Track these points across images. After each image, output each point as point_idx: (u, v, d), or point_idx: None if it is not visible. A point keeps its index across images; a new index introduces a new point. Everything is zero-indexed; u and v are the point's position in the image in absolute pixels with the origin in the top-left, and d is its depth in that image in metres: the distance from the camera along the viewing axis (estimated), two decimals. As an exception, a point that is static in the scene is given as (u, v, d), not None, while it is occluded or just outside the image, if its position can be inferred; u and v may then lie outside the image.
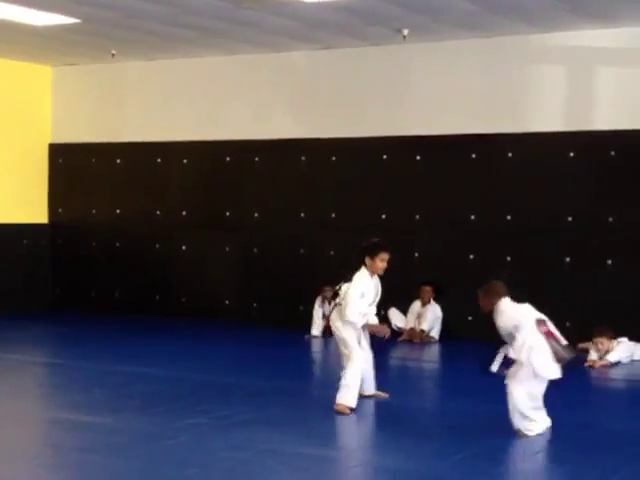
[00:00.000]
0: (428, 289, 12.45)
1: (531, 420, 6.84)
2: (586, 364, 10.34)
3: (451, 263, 12.44)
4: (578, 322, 11.24)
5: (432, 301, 12.46)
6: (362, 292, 7.92)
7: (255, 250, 13.90)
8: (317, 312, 12.74)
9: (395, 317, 12.63)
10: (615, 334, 10.71)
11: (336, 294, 8.21)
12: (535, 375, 6.80)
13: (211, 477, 5.78)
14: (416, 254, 12.76)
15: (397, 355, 11.75)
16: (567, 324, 11.61)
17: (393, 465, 6.09)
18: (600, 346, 10.47)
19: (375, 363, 8.30)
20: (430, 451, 6.50)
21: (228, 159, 14.09)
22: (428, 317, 12.36)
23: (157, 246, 14.63)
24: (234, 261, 14.05)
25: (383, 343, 8.65)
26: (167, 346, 11.67)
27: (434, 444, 6.73)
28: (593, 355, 10.50)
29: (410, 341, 12.28)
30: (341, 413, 7.63)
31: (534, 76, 12.11)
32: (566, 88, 11.99)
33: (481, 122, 12.31)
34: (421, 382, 10.10)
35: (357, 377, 7.81)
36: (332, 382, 9.75)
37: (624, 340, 10.82)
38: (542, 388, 6.90)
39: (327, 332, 12.73)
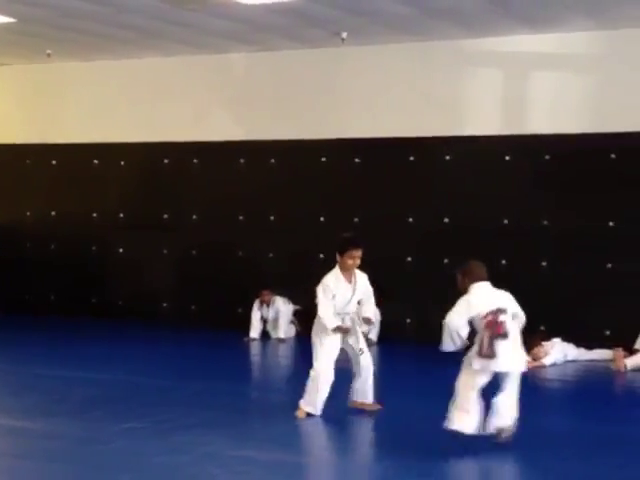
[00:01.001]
0: (367, 291, 12.46)
1: (468, 412, 6.51)
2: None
3: (389, 265, 12.49)
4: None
5: (370, 303, 12.47)
6: (331, 291, 7.59)
7: (193, 252, 13.82)
8: (255, 315, 12.71)
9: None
10: (548, 335, 10.88)
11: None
12: (470, 364, 6.57)
13: (148, 482, 5.71)
14: (355, 256, 12.77)
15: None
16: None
17: (337, 463, 6.09)
18: (536, 355, 10.61)
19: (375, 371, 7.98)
20: (365, 451, 6.52)
21: (166, 161, 13.99)
22: (366, 319, 12.37)
23: (93, 248, 14.46)
24: (172, 263, 13.95)
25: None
26: (104, 349, 11.52)
27: (369, 445, 6.76)
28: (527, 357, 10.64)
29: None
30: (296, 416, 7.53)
31: (470, 80, 12.24)
32: (502, 92, 12.14)
33: (419, 125, 12.39)
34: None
35: (315, 382, 7.57)
36: (271, 385, 9.79)
37: (557, 341, 11.00)
38: (482, 381, 6.57)
39: (265, 335, 12.74)
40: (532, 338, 10.61)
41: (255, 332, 12.68)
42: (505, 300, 6.87)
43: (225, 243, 13.54)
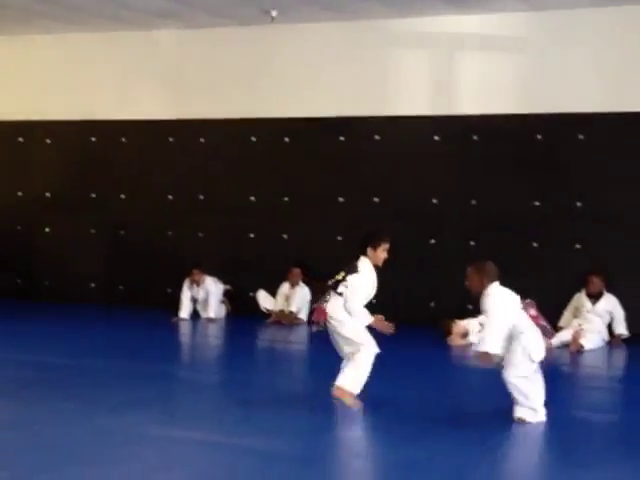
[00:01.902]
0: (297, 271, 12.50)
1: (534, 404, 6.69)
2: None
3: (320, 245, 12.53)
4: (441, 302, 11.53)
5: (301, 283, 12.53)
6: (366, 284, 7.30)
7: (122, 232, 13.66)
8: (185, 294, 12.63)
9: (264, 299, 12.65)
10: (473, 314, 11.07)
11: (336, 283, 7.42)
12: (529, 359, 6.68)
13: (74, 463, 5.65)
14: (285, 236, 12.80)
15: (265, 337, 11.79)
16: (431, 304, 11.94)
17: (261, 445, 6.09)
18: (453, 331, 10.79)
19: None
20: (303, 429, 6.54)
21: (93, 139, 13.78)
22: (297, 299, 12.42)
23: (18, 228, 14.19)
24: (99, 243, 13.77)
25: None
26: (31, 331, 11.33)
27: (297, 420, 6.78)
28: (455, 336, 10.82)
29: (279, 323, 12.32)
30: (339, 399, 7.10)
31: (399, 60, 12.29)
32: (431, 73, 12.22)
33: (349, 105, 12.42)
34: (289, 363, 10.14)
35: (368, 363, 7.15)
36: (200, 365, 9.74)
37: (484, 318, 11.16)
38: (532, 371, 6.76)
39: (196, 314, 12.69)
40: (444, 319, 10.81)
41: (185, 312, 12.61)
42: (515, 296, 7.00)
43: (154, 223, 13.42)
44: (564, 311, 11.29)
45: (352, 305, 7.17)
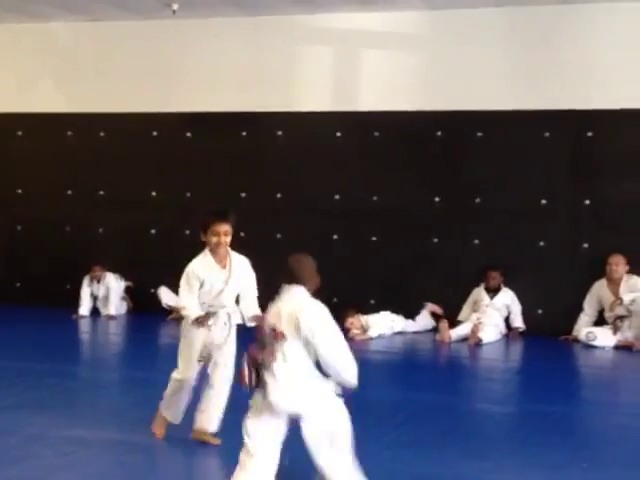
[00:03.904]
0: (198, 267, 12.39)
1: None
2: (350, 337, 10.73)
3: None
4: (345, 297, 11.61)
5: (203, 279, 12.43)
6: (198, 277, 6.13)
7: (18, 227, 13.34)
8: (85, 291, 12.43)
9: (166, 296, 12.53)
10: (377, 308, 11.21)
11: None
12: None
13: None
14: (187, 232, 12.68)
15: (167, 334, 11.67)
16: (334, 300, 12.00)
17: (160, 442, 6.05)
18: (350, 326, 10.89)
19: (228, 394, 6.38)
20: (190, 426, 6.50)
21: (-12, 133, 13.43)
22: (199, 295, 12.32)
23: None
24: (-4, 239, 13.43)
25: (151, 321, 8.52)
26: None
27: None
28: (355, 330, 10.92)
29: (180, 319, 12.17)
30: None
31: (302, 56, 12.31)
32: (333, 69, 12.27)
33: (251, 100, 12.38)
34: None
35: (173, 389, 6.37)
36: (100, 363, 9.60)
37: (386, 313, 11.32)
38: None
39: (96, 311, 12.49)
40: (345, 310, 10.92)
41: (85, 309, 12.40)
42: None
43: (52, 218, 13.14)
44: (463, 305, 11.53)
45: (180, 301, 6.25)
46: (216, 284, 6.17)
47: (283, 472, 4.89)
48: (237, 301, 6.41)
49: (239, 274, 6.30)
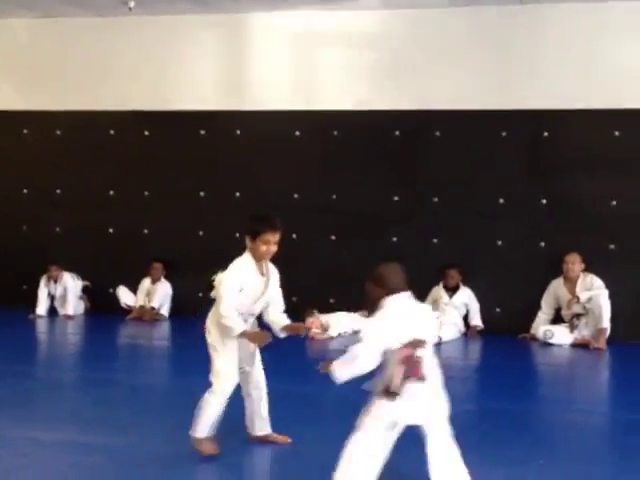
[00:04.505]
0: (158, 266, 12.35)
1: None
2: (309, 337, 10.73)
3: (181, 240, 12.41)
4: (304, 296, 11.61)
5: (162, 278, 12.39)
6: (240, 284, 5.74)
7: (-26, 227, 13.19)
8: (42, 291, 12.33)
9: (124, 295, 12.46)
10: (334, 308, 11.24)
11: (210, 286, 6.04)
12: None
13: None
14: (145, 231, 12.62)
15: (126, 333, 11.62)
16: (293, 299, 11.99)
17: (119, 443, 6.02)
18: (310, 324, 10.89)
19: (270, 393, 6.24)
20: (161, 426, 6.48)
21: (-58, 131, 13.24)
22: (158, 294, 12.27)
23: None
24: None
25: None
26: None
27: (163, 419, 6.72)
28: (315, 329, 10.92)
29: (140, 319, 12.14)
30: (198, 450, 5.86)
31: (261, 54, 12.29)
32: (292, 68, 12.27)
33: (210, 99, 12.34)
34: (149, 360, 10.02)
35: (214, 405, 5.85)
36: (58, 363, 9.52)
37: (343, 314, 11.31)
38: None
39: (53, 311, 12.38)
40: (305, 310, 10.94)
41: (42, 309, 12.29)
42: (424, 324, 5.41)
43: (8, 218, 12.99)
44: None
45: (220, 309, 5.72)
46: (255, 292, 5.85)
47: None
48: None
49: (274, 282, 6.00)
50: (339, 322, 11.14)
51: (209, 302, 6.03)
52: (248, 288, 5.77)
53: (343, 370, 4.96)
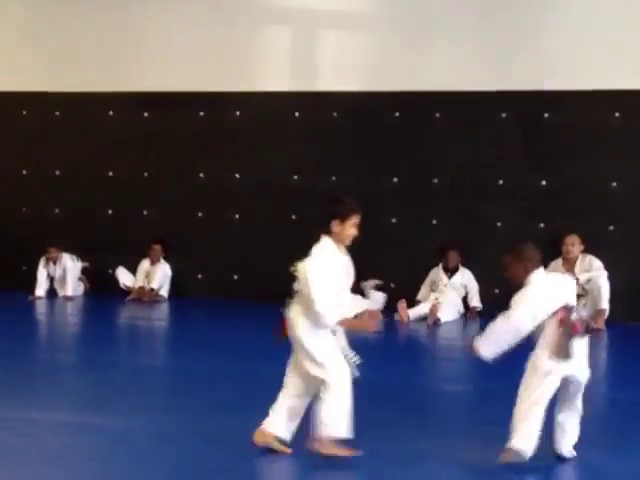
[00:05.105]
0: (157, 247, 12.35)
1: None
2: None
3: (180, 221, 12.41)
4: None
5: (162, 259, 12.39)
6: (330, 271, 5.38)
7: (-28, 209, 13.18)
8: (41, 273, 12.32)
9: (123, 276, 12.46)
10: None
11: (292, 277, 5.68)
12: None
13: None
14: (145, 212, 12.62)
15: (125, 315, 11.63)
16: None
17: (118, 424, 6.03)
18: None
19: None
20: (160, 407, 6.49)
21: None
22: (157, 276, 12.27)
23: None
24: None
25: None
26: None
27: (162, 400, 6.74)
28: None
29: (139, 300, 12.15)
30: (329, 454, 5.28)
31: (260, 36, 12.26)
32: (291, 49, 12.24)
33: (210, 80, 12.29)
34: (149, 341, 10.04)
35: (343, 403, 5.27)
36: (58, 345, 9.53)
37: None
38: None
39: (53, 293, 12.39)
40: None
41: (41, 290, 12.29)
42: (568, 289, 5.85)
43: (7, 198, 12.97)
44: (422, 285, 11.57)
45: (314, 305, 5.24)
46: (343, 276, 5.50)
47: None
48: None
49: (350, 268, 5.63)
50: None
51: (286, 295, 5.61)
52: (337, 273, 5.43)
53: (488, 347, 5.48)
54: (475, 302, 11.45)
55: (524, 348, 5.44)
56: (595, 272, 10.76)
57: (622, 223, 11.17)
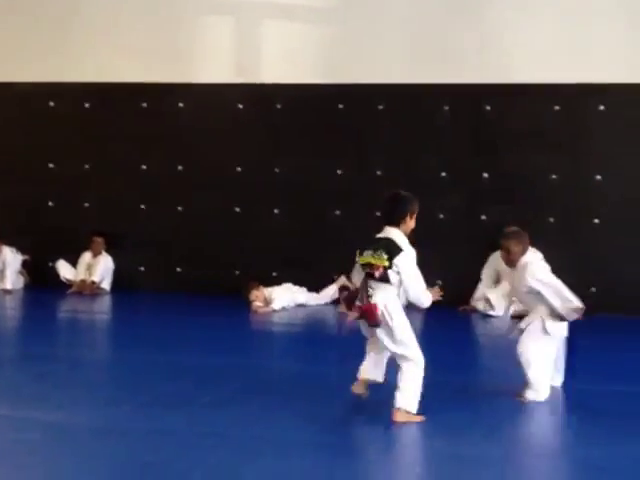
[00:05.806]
0: (99, 240, 12.23)
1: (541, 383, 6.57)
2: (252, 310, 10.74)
3: (123, 213, 12.30)
4: (247, 269, 11.61)
5: (103, 252, 12.27)
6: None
7: None
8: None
9: (64, 269, 12.32)
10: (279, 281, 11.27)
11: (373, 269, 6.45)
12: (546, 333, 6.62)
13: None
14: (86, 204, 12.48)
15: (66, 308, 11.49)
16: (237, 272, 12.00)
17: (59, 418, 5.97)
18: (254, 298, 10.89)
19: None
20: (102, 401, 6.43)
21: None
22: (99, 268, 12.15)
23: None
24: None
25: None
26: None
27: (104, 394, 6.68)
28: (258, 302, 10.92)
29: (80, 293, 12.01)
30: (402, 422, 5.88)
31: (204, 26, 12.19)
32: (235, 40, 12.20)
33: (151, 71, 12.19)
34: (90, 334, 9.94)
35: (421, 373, 6.05)
36: (30, 340, 9.28)
37: (288, 285, 11.34)
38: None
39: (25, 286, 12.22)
40: (247, 283, 10.96)
41: (9, 284, 12.08)
42: None
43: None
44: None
45: (421, 295, 6.30)
46: None
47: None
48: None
49: None
50: (282, 296, 11.14)
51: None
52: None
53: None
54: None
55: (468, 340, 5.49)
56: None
57: (561, 215, 11.32)
